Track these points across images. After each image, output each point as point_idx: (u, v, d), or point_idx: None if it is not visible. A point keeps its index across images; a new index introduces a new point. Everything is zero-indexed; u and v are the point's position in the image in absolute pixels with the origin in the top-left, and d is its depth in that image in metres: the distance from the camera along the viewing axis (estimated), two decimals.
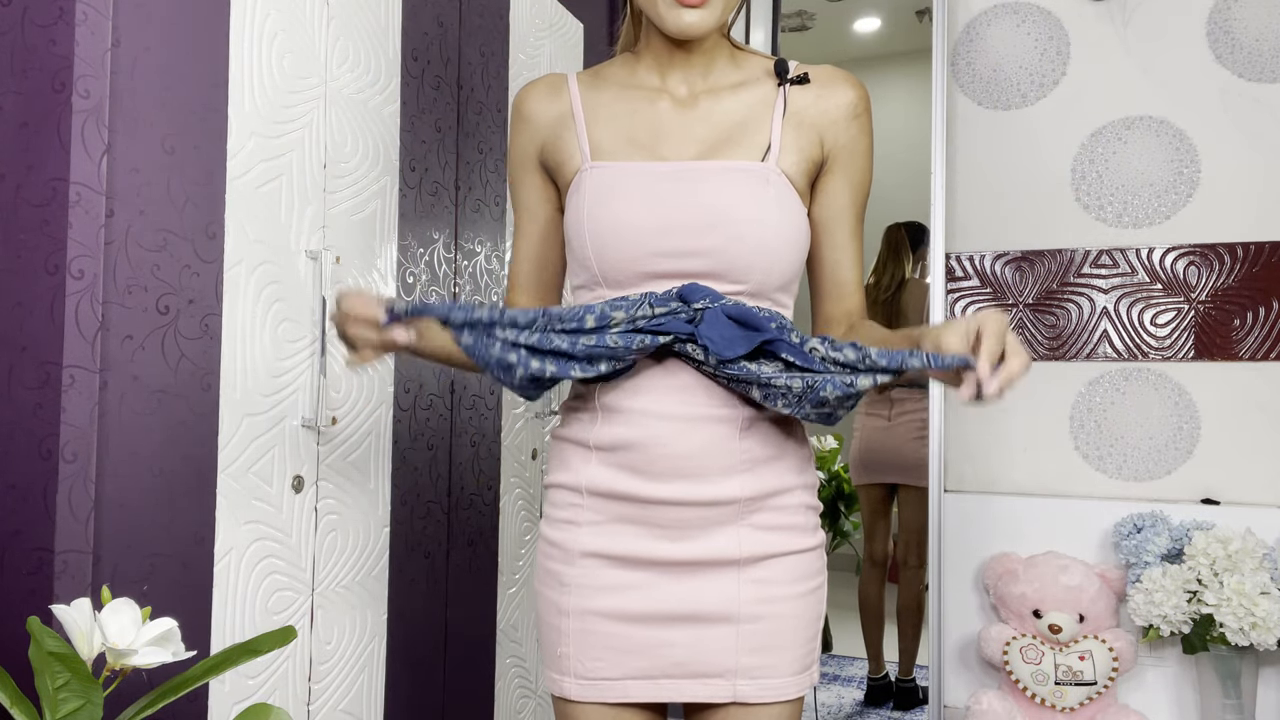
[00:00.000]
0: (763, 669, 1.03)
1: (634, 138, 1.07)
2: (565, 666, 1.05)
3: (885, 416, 3.08)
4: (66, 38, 1.09)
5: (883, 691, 3.10)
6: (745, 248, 1.01)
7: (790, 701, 1.05)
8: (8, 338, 1.11)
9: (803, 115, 1.08)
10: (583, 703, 1.04)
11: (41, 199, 1.09)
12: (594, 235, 1.03)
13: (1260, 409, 2.16)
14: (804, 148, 1.07)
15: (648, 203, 1.02)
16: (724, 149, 1.05)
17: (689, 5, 1.00)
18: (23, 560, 1.09)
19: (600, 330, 0.97)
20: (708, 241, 1.01)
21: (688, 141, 1.06)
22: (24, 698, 0.80)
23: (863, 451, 3.14)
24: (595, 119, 1.09)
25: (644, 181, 1.03)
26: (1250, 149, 2.19)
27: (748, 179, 1.03)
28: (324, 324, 1.42)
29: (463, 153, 1.80)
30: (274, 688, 1.36)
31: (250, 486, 1.31)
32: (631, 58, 1.14)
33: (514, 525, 2.00)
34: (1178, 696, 2.15)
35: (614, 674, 1.03)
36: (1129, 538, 2.10)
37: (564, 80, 1.14)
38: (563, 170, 1.11)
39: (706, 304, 0.98)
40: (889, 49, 5.25)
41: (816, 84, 1.09)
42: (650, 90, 1.10)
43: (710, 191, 1.02)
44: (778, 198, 1.03)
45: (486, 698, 1.90)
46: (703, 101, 1.08)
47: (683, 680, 1.03)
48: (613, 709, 1.04)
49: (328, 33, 1.46)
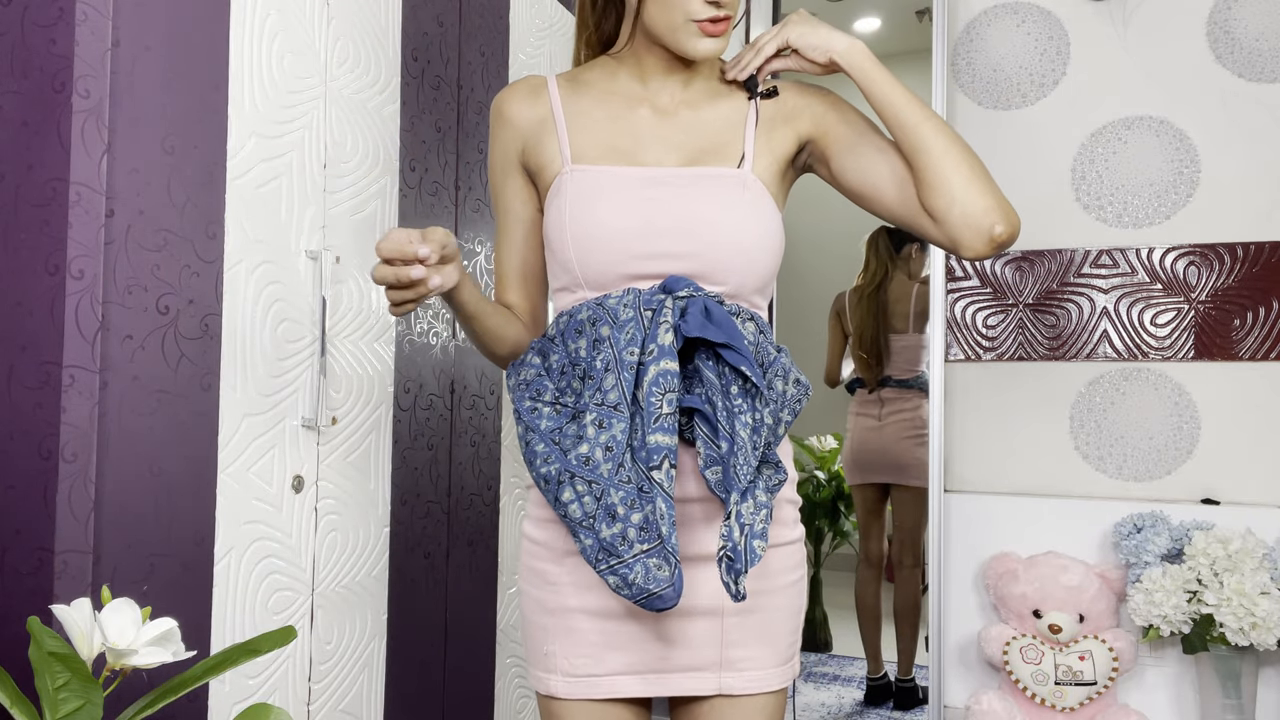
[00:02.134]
0: (748, 661, 1.05)
1: (614, 144, 1.09)
2: (552, 664, 1.06)
3: (876, 416, 3.07)
4: (66, 38, 1.09)
5: (882, 691, 3.10)
6: (724, 251, 1.04)
7: (774, 692, 1.07)
8: (8, 338, 1.11)
9: (774, 119, 1.13)
10: (570, 700, 1.05)
11: (41, 199, 1.09)
12: (575, 239, 1.05)
13: (1260, 409, 2.16)
14: (775, 149, 1.11)
15: (628, 206, 1.04)
16: (702, 157, 1.09)
17: (711, 34, 1.05)
18: (23, 560, 1.09)
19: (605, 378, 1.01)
20: (688, 245, 1.04)
21: (667, 149, 1.09)
22: (24, 698, 0.80)
23: (854, 452, 3.13)
24: (576, 124, 1.11)
25: (625, 185, 1.06)
26: (1250, 149, 2.19)
27: (725, 185, 1.07)
28: (324, 324, 1.42)
29: (463, 153, 1.80)
30: (274, 688, 1.36)
31: (250, 486, 1.31)
32: (612, 62, 1.15)
33: (514, 525, 2.00)
34: (1178, 696, 2.15)
35: (601, 670, 1.05)
36: (1129, 538, 2.10)
37: (544, 83, 1.15)
38: (543, 174, 1.12)
39: (690, 293, 1.01)
40: (889, 49, 5.25)
41: (786, 93, 1.15)
42: (630, 98, 1.13)
43: (690, 196, 1.05)
44: (753, 202, 1.07)
45: (486, 698, 1.90)
46: (682, 112, 1.11)
47: (669, 674, 1.05)
48: (600, 705, 1.05)
49: (328, 33, 1.46)
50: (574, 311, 1.05)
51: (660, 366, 0.97)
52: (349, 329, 1.51)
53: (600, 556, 0.97)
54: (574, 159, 1.09)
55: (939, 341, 2.37)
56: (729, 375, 0.99)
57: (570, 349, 1.04)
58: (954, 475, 2.37)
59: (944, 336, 2.38)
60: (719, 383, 0.99)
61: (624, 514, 0.96)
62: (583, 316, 1.03)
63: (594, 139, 1.10)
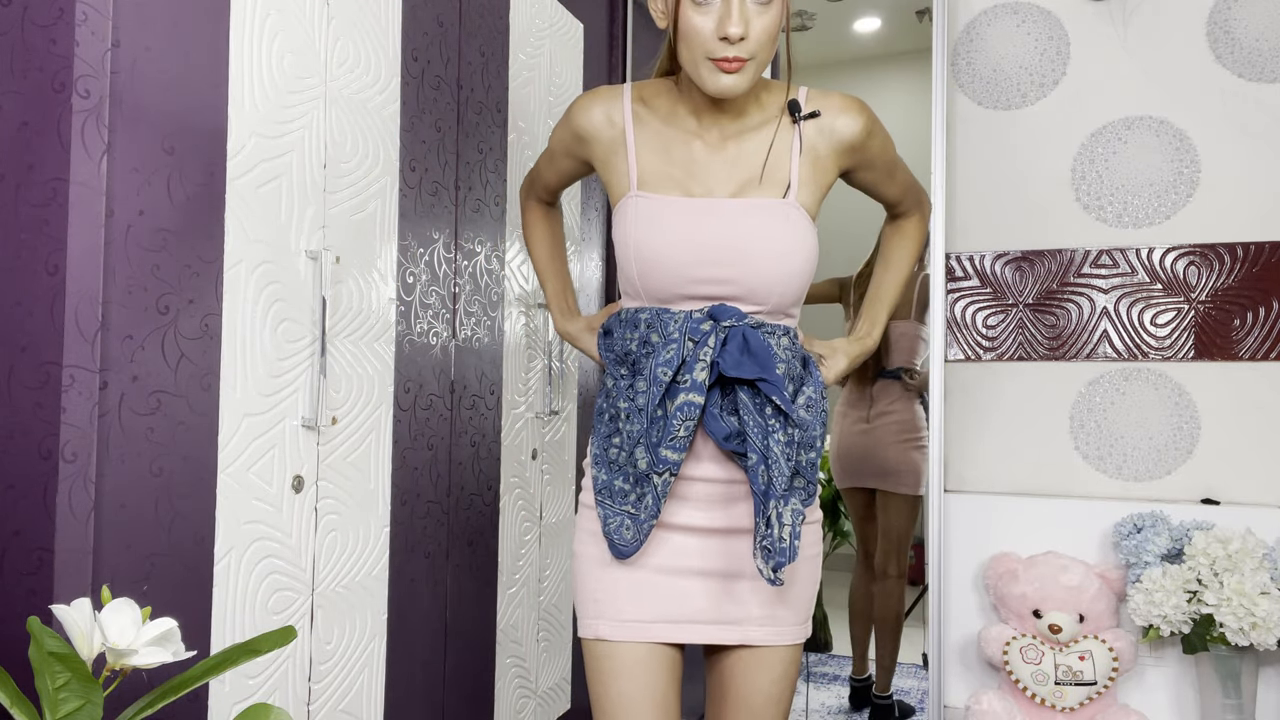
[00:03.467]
0: (770, 618, 1.23)
1: (672, 174, 1.24)
2: (602, 611, 1.23)
3: (864, 418, 2.92)
4: (66, 38, 1.09)
5: (864, 693, 3.02)
6: (767, 276, 1.19)
7: (791, 646, 1.24)
8: (8, 338, 1.11)
9: (817, 149, 1.25)
10: (616, 641, 1.21)
11: (41, 199, 1.09)
12: (639, 260, 1.22)
13: (1260, 409, 2.16)
14: (819, 175, 1.25)
15: (684, 234, 1.20)
16: (750, 188, 1.23)
17: (727, 71, 1.14)
18: (23, 560, 1.09)
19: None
20: (736, 270, 1.19)
21: (719, 181, 1.23)
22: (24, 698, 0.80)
23: (841, 455, 2.99)
24: (643, 150, 1.25)
25: (681, 215, 1.21)
26: (1250, 149, 2.19)
27: (771, 216, 1.21)
28: (324, 324, 1.42)
29: (463, 153, 1.80)
30: (274, 688, 1.36)
31: (250, 486, 1.31)
32: (674, 91, 1.27)
33: (514, 525, 2.00)
34: (1178, 696, 2.15)
35: (644, 617, 1.21)
36: (1129, 538, 2.10)
37: (620, 100, 1.29)
38: (611, 186, 1.29)
39: (733, 323, 1.18)
40: (889, 49, 5.25)
41: (826, 116, 1.25)
42: (687, 132, 1.26)
43: (739, 226, 1.19)
44: (794, 231, 1.20)
45: (486, 698, 1.90)
46: (730, 145, 1.24)
47: (702, 625, 1.22)
48: (644, 646, 1.21)
49: (328, 33, 1.46)
50: (639, 310, 1.24)
51: (688, 397, 1.15)
52: (349, 329, 1.51)
53: (603, 493, 1.22)
54: (639, 184, 1.24)
55: (939, 341, 2.37)
56: (762, 399, 1.16)
57: (626, 338, 1.24)
58: (954, 475, 2.37)
59: (944, 336, 2.38)
60: (752, 405, 1.15)
61: (628, 488, 1.21)
62: (643, 316, 1.23)
63: (656, 166, 1.24)
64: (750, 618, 1.22)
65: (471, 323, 1.84)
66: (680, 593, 1.21)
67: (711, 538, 1.22)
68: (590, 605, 1.23)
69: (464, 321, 1.82)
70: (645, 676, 1.20)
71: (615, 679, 1.20)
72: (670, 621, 1.21)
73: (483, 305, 1.88)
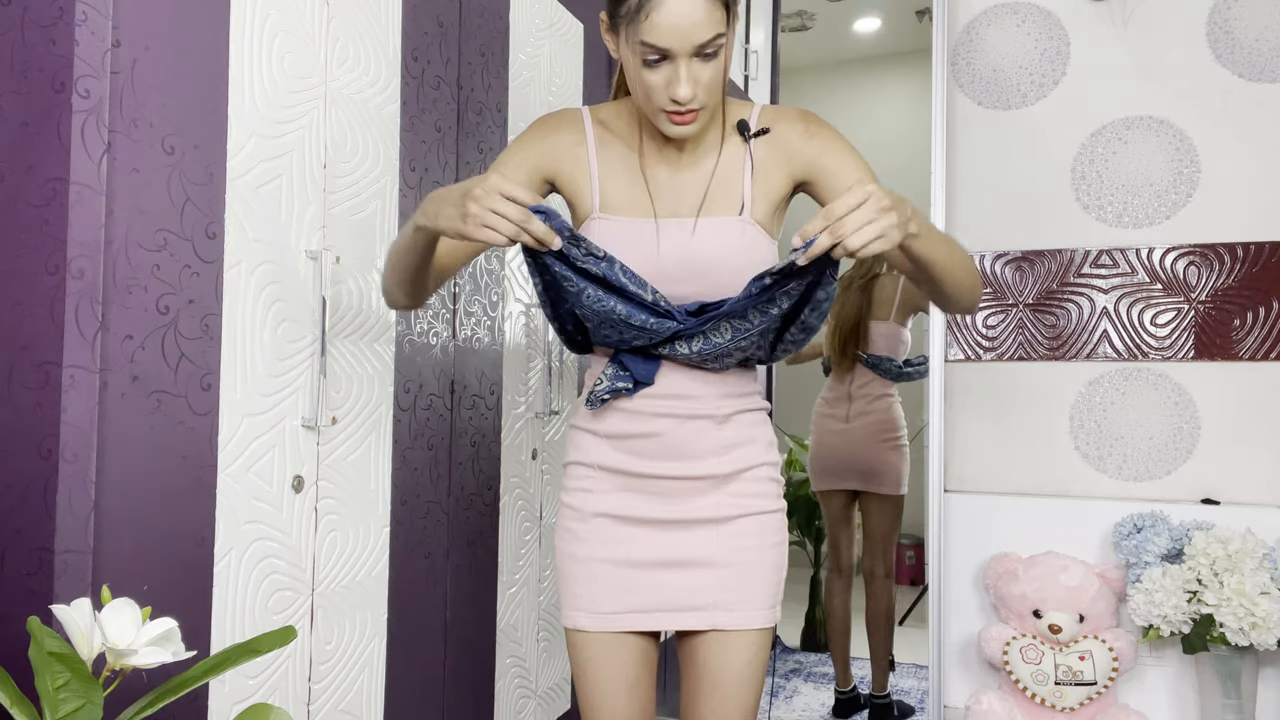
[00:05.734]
0: (736, 603, 1.28)
1: (634, 196, 1.28)
2: (579, 604, 1.30)
3: (842, 418, 2.91)
4: (66, 38, 1.09)
5: (849, 705, 3.00)
6: (724, 290, 1.22)
7: (757, 630, 1.29)
8: (8, 338, 1.11)
9: (767, 163, 1.28)
10: (593, 631, 1.29)
11: (41, 199, 1.09)
12: None
13: (1260, 409, 2.16)
14: (771, 191, 1.28)
15: (646, 255, 1.23)
16: (708, 207, 1.27)
17: (678, 124, 1.18)
18: (23, 560, 1.09)
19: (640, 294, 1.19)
20: (694, 286, 1.23)
21: (680, 200, 1.27)
22: (24, 698, 0.80)
23: (819, 456, 2.96)
24: (605, 172, 1.29)
25: (642, 236, 1.25)
26: (1250, 149, 2.19)
27: (727, 233, 1.25)
28: (324, 324, 1.42)
29: (463, 153, 1.80)
30: (274, 688, 1.36)
31: (250, 486, 1.31)
32: (632, 113, 1.30)
33: (514, 525, 2.00)
34: (1178, 696, 2.15)
35: (618, 608, 1.28)
36: (1129, 538, 2.10)
37: (582, 124, 1.31)
38: (574, 206, 1.31)
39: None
40: (889, 49, 5.25)
41: (776, 129, 1.28)
42: (647, 156, 1.30)
43: (697, 244, 1.24)
44: (750, 245, 1.25)
45: (486, 698, 1.90)
46: (686, 170, 1.28)
47: (672, 613, 1.29)
48: (617, 636, 1.29)
49: (328, 33, 1.46)
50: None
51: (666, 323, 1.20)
52: (349, 329, 1.51)
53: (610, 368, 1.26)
54: (602, 208, 1.27)
55: (939, 341, 2.37)
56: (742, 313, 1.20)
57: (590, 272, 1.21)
58: (954, 475, 2.37)
59: (944, 336, 2.38)
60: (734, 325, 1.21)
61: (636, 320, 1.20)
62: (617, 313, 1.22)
63: (618, 189, 1.28)
64: (718, 603, 1.28)
65: (471, 323, 1.84)
66: (653, 584, 1.28)
67: (673, 530, 1.29)
68: (570, 598, 1.31)
69: (464, 321, 1.82)
70: (619, 661, 1.30)
71: (592, 665, 1.30)
72: (642, 611, 1.29)
73: (483, 305, 1.88)
